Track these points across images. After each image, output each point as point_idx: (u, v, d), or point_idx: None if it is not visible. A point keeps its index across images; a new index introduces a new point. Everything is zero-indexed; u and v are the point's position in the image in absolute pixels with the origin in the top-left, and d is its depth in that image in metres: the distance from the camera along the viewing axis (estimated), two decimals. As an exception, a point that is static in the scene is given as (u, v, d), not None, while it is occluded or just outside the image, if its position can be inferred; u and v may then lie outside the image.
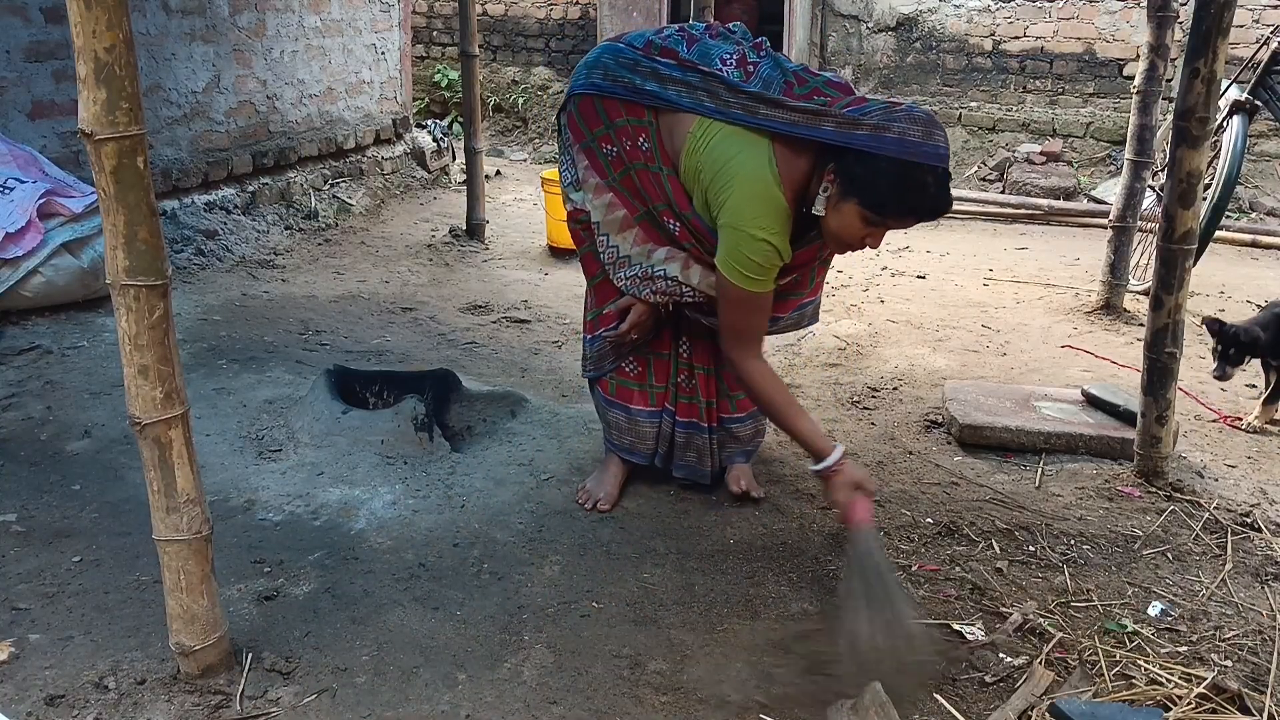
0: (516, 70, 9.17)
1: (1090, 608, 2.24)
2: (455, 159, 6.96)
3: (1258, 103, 4.58)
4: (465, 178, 5.62)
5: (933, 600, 2.26)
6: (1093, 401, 3.22)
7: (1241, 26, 6.76)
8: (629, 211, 2.42)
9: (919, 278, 5.13)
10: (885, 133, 2.05)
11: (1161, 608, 2.24)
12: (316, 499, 2.60)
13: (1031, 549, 2.49)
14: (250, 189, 5.29)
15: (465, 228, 5.59)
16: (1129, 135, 4.36)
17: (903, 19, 8.03)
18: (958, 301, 4.72)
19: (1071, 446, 3.01)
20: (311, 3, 5.71)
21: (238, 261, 4.83)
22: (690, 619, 2.17)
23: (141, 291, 1.68)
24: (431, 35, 9.35)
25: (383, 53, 6.44)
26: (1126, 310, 4.49)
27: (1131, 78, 6.00)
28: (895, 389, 3.57)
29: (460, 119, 7.08)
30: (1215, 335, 3.24)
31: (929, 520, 2.61)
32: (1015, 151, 7.35)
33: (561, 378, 3.58)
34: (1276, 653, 2.06)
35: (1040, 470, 2.92)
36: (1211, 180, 4.36)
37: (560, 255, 5.30)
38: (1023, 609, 2.21)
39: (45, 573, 2.24)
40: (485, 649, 2.04)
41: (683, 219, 2.36)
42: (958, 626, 2.16)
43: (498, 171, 7.46)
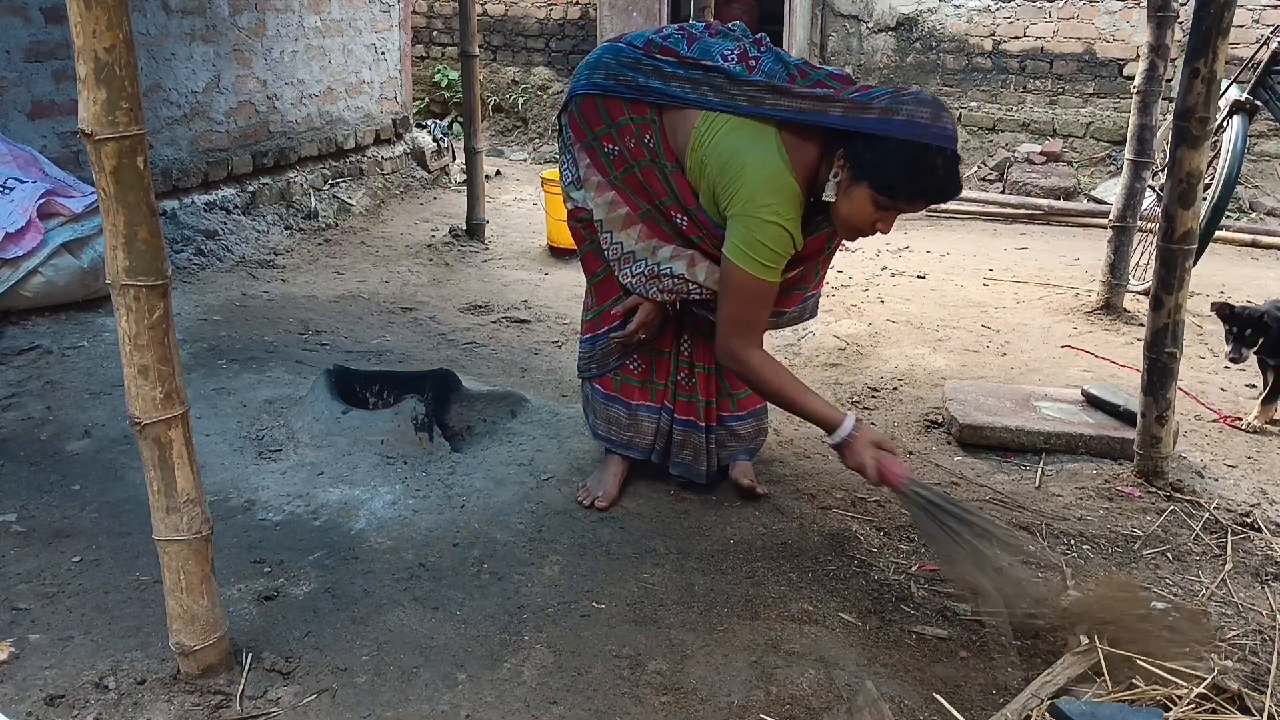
0: (516, 70, 9.16)
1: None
2: (455, 159, 6.95)
3: (1258, 103, 4.58)
4: (465, 178, 5.62)
5: (932, 600, 2.27)
6: (1093, 401, 3.22)
7: (1241, 26, 6.76)
8: (631, 209, 2.42)
9: (919, 278, 5.13)
10: (894, 115, 2.06)
11: (1162, 607, 2.24)
12: (316, 499, 2.60)
13: (1031, 549, 2.49)
14: (250, 189, 5.29)
15: (465, 228, 5.59)
16: (1129, 135, 4.36)
17: (903, 19, 8.03)
18: (958, 301, 4.71)
19: (1071, 446, 3.02)
20: (311, 3, 5.71)
21: (238, 261, 4.82)
22: (690, 619, 2.17)
23: (141, 291, 1.68)
24: (431, 35, 9.35)
25: (383, 53, 6.44)
26: (1126, 310, 4.49)
27: (1131, 78, 6.00)
28: (895, 389, 3.57)
29: (460, 119, 7.08)
30: (1226, 318, 3.24)
31: (929, 520, 2.61)
32: (1015, 151, 7.35)
33: (561, 378, 3.58)
34: (1276, 653, 2.07)
35: (1040, 470, 2.92)
36: (1211, 180, 4.36)
37: (560, 255, 5.30)
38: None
39: (45, 573, 2.24)
40: (485, 649, 2.04)
41: (689, 213, 2.36)
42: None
43: (498, 171, 7.46)
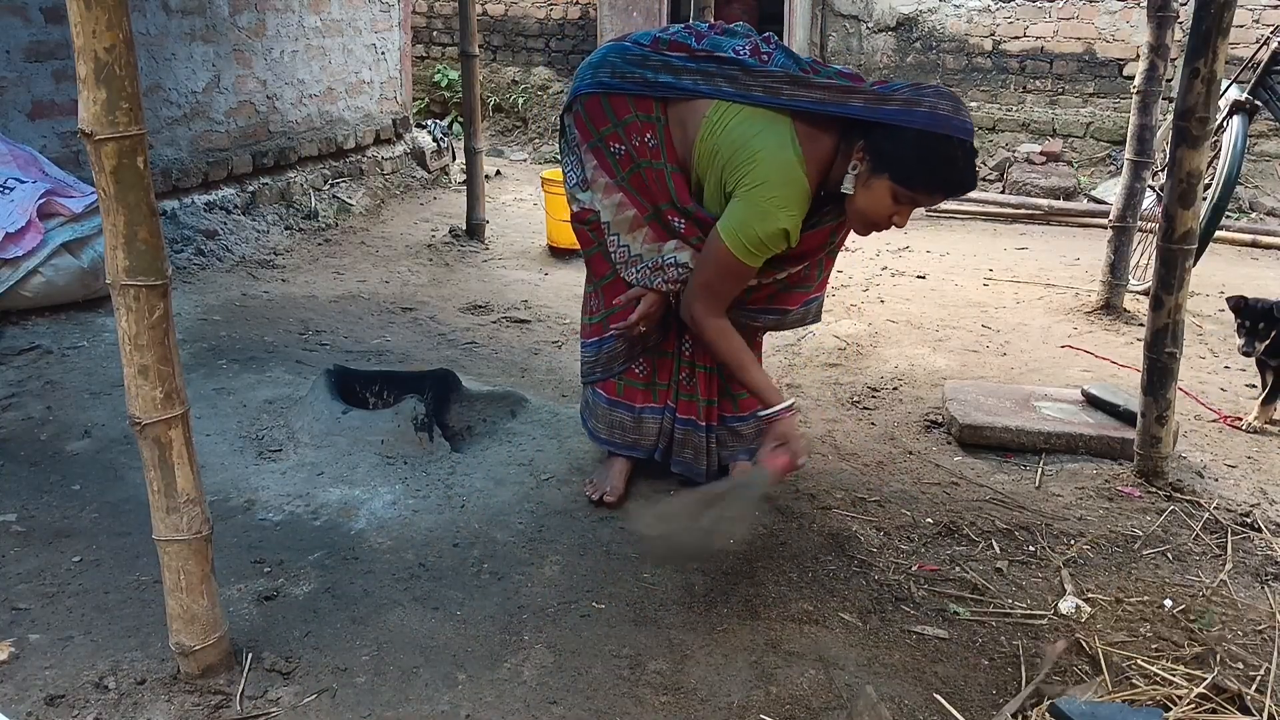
0: (516, 70, 9.16)
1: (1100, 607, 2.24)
2: (455, 159, 6.95)
3: (1258, 103, 4.58)
4: (465, 178, 5.62)
5: (932, 600, 2.27)
6: (1093, 401, 3.22)
7: (1241, 26, 6.76)
8: (639, 211, 2.41)
9: (919, 278, 5.13)
10: (916, 107, 2.07)
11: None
12: (316, 499, 2.60)
13: (1031, 549, 2.49)
14: (250, 189, 5.29)
15: (465, 228, 5.59)
16: (1129, 135, 4.36)
17: (903, 19, 8.03)
18: (958, 301, 4.71)
19: (1071, 446, 3.01)
20: (311, 3, 5.71)
21: (238, 261, 4.82)
22: (690, 619, 2.17)
23: (141, 291, 1.68)
24: (431, 35, 9.35)
25: (383, 53, 6.44)
26: (1126, 310, 4.49)
27: (1131, 78, 6.00)
28: (895, 389, 3.57)
29: (460, 119, 7.08)
30: (1239, 311, 3.24)
31: (929, 520, 2.61)
32: (1015, 151, 7.35)
33: (561, 378, 3.58)
34: (1276, 653, 2.07)
35: (1040, 470, 2.92)
36: (1211, 180, 4.36)
37: (560, 255, 5.30)
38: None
39: (45, 573, 2.24)
40: (485, 649, 2.04)
41: (686, 214, 2.35)
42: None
43: (498, 171, 7.46)
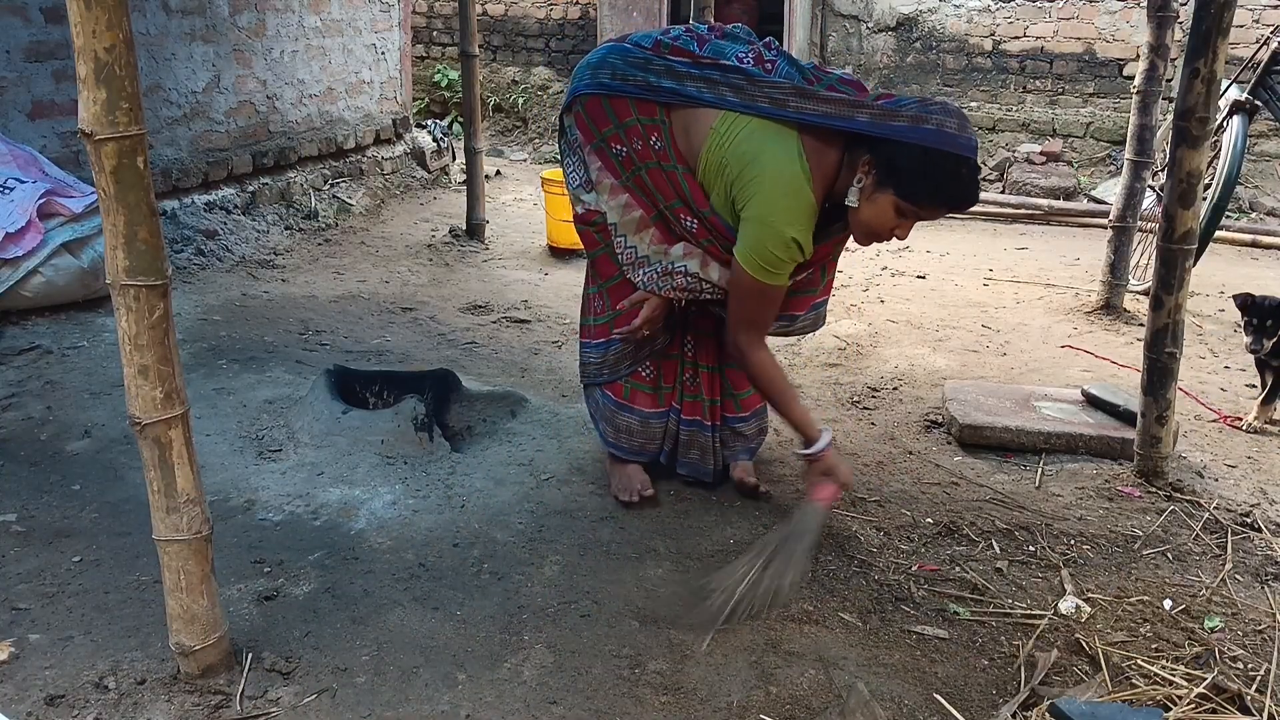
0: (516, 70, 9.16)
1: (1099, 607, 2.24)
2: (455, 159, 6.95)
3: (1258, 103, 4.58)
4: (465, 178, 5.62)
5: (932, 600, 2.27)
6: (1093, 401, 3.22)
7: (1241, 26, 6.76)
8: (645, 211, 2.40)
9: (919, 278, 5.13)
10: (924, 123, 2.07)
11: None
12: (316, 499, 2.60)
13: (1031, 549, 2.49)
14: (250, 189, 5.29)
15: (465, 228, 5.59)
16: (1129, 135, 4.36)
17: (903, 19, 8.03)
18: (958, 301, 4.72)
19: (1071, 446, 3.01)
20: (311, 3, 5.71)
21: (238, 261, 4.82)
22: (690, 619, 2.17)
23: (141, 291, 1.68)
24: (431, 35, 9.35)
25: (383, 53, 6.44)
26: (1126, 310, 4.49)
27: (1131, 78, 6.00)
28: (895, 389, 3.57)
29: (460, 119, 7.08)
30: (1246, 309, 3.24)
31: (929, 520, 2.61)
32: (1015, 151, 7.35)
33: (561, 378, 3.58)
34: (1276, 652, 2.07)
35: (1040, 470, 2.92)
36: (1211, 180, 4.36)
37: (560, 255, 5.30)
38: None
39: (45, 573, 2.24)
40: (485, 649, 2.04)
41: (700, 216, 2.34)
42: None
43: (498, 171, 7.46)
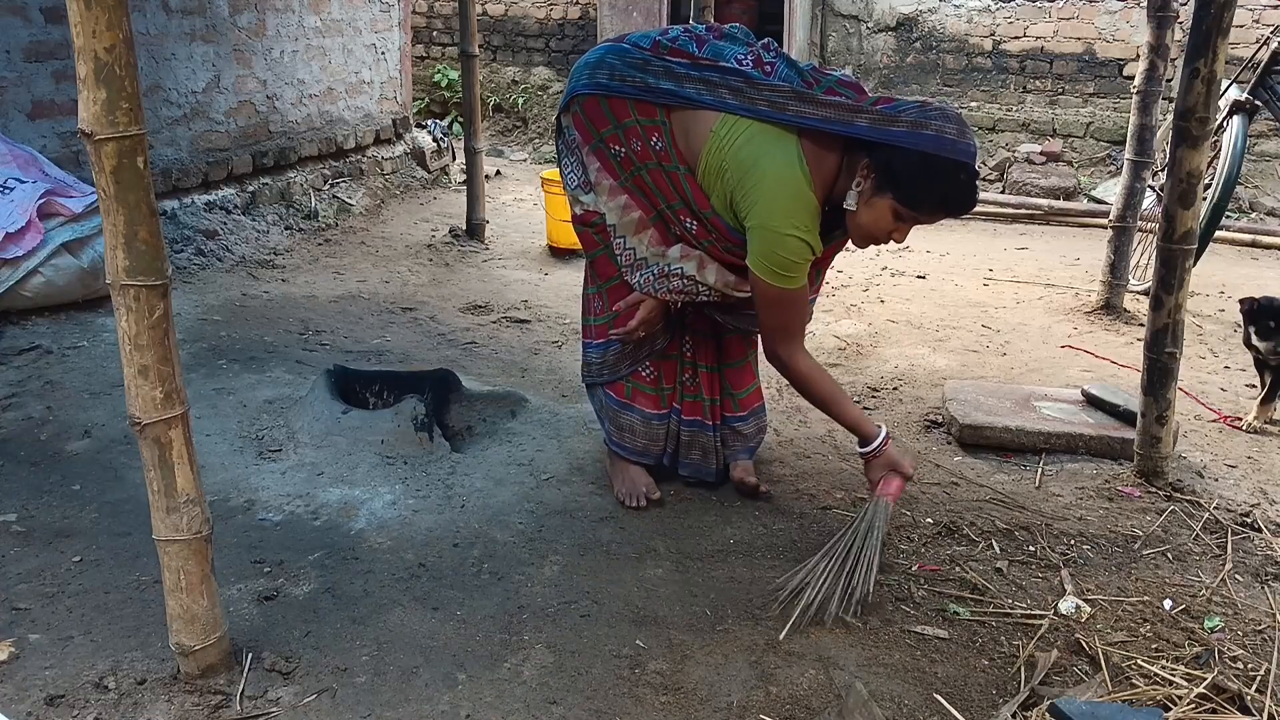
0: (516, 70, 9.16)
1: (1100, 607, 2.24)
2: (455, 159, 6.95)
3: (1258, 103, 4.58)
4: (465, 178, 5.62)
5: (932, 600, 2.27)
6: (1093, 401, 3.22)
7: (1241, 26, 6.76)
8: (644, 212, 2.40)
9: (919, 278, 5.13)
10: (922, 129, 2.07)
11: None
12: (316, 499, 2.60)
13: (1031, 549, 2.49)
14: (250, 189, 5.29)
15: (465, 228, 5.59)
16: (1129, 135, 4.36)
17: (903, 19, 8.03)
18: (958, 301, 4.72)
19: (1071, 446, 3.01)
20: (311, 3, 5.71)
21: (238, 261, 4.82)
22: (690, 619, 2.17)
23: (141, 291, 1.68)
24: (431, 35, 9.35)
25: (383, 53, 6.44)
26: (1126, 310, 4.49)
27: (1131, 78, 6.00)
28: (895, 389, 3.57)
29: (460, 119, 7.08)
30: (1250, 314, 3.23)
31: (929, 520, 2.61)
32: (1015, 151, 7.35)
33: (561, 378, 3.58)
34: (1276, 652, 2.07)
35: (1040, 470, 2.92)
36: (1211, 180, 4.37)
37: (560, 255, 5.30)
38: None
39: (45, 573, 2.24)
40: (485, 649, 2.04)
41: (701, 217, 2.34)
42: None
43: (498, 171, 7.46)
